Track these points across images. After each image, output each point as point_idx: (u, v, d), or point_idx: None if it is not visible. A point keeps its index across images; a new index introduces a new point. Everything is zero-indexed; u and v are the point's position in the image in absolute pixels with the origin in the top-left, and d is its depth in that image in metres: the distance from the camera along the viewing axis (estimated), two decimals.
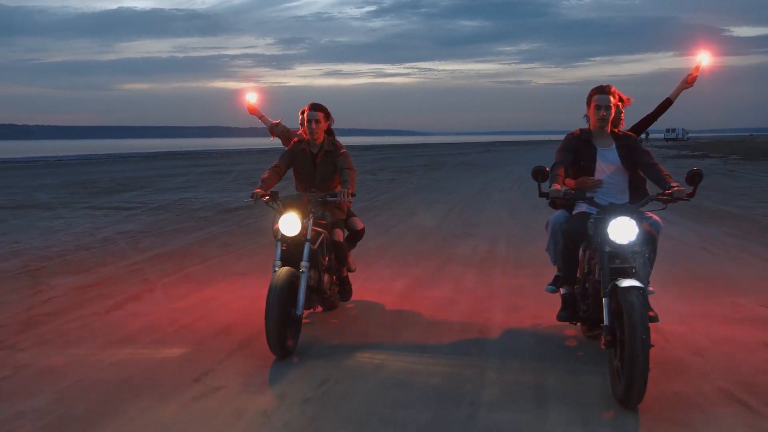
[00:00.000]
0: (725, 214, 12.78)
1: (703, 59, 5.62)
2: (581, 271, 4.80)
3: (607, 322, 4.13)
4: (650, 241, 4.61)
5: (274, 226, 5.27)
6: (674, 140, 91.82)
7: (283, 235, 5.13)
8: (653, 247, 4.70)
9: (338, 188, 5.65)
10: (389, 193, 18.44)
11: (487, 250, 9.21)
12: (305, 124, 5.72)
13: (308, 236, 5.13)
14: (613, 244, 4.21)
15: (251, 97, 6.53)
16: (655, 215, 4.82)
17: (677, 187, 4.41)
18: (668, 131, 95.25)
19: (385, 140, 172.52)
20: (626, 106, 5.25)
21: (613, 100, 4.84)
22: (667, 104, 5.68)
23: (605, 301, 4.17)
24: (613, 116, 4.89)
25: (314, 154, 5.81)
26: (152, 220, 12.77)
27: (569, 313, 4.92)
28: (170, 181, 24.16)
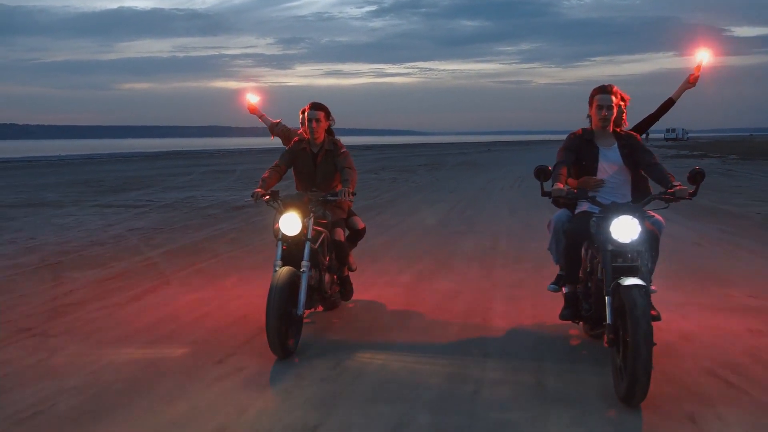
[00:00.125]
0: (720, 211, 13.06)
1: (703, 57, 5.60)
2: (583, 270, 4.79)
3: (609, 320, 4.13)
4: (652, 239, 4.59)
5: (274, 225, 5.25)
6: (674, 140, 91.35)
7: (283, 234, 5.11)
8: (655, 245, 4.67)
9: (339, 187, 5.65)
10: (391, 191, 18.73)
11: (488, 245, 9.52)
12: (306, 123, 5.72)
13: (309, 236, 5.11)
14: (615, 242, 4.21)
15: (251, 96, 6.59)
16: (657, 214, 4.83)
17: (679, 186, 4.41)
18: (668, 131, 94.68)
19: (385, 140, 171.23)
20: (626, 105, 5.20)
21: (615, 99, 4.84)
22: (669, 104, 5.70)
23: (608, 299, 4.17)
24: (615, 116, 4.89)
25: (315, 153, 5.80)
26: (161, 217, 13.06)
27: (572, 312, 4.90)
28: (174, 180, 24.46)
